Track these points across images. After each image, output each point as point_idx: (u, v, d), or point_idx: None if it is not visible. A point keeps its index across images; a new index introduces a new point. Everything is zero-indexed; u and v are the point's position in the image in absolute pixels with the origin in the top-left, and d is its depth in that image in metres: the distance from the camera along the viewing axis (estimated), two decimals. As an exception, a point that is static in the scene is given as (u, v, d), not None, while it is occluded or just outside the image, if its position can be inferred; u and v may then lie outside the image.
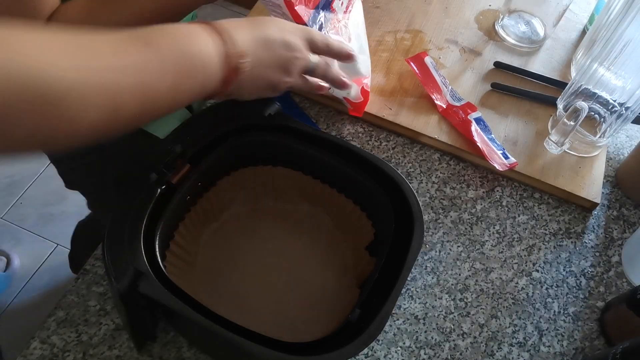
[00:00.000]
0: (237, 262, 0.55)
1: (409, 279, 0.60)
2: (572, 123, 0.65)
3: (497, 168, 0.66)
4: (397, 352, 0.55)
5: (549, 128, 0.73)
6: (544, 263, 0.63)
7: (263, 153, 0.56)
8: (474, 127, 0.69)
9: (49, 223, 1.47)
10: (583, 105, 0.64)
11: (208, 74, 0.44)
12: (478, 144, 0.67)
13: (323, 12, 0.57)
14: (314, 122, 0.70)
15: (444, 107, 0.71)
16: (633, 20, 0.61)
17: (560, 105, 0.72)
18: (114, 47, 0.38)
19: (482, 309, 0.59)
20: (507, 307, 0.60)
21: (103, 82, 0.36)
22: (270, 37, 0.48)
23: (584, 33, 0.85)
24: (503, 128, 0.72)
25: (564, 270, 0.63)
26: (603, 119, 0.70)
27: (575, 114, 0.64)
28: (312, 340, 0.44)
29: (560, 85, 0.76)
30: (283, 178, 0.57)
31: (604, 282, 0.63)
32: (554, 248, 0.65)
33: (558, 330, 0.59)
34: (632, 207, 0.70)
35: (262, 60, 0.48)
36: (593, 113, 0.70)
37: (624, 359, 0.49)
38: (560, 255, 0.64)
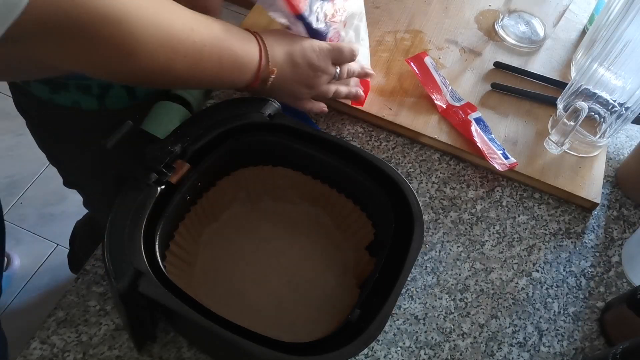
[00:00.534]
0: (237, 262, 0.55)
1: (409, 279, 0.60)
2: (572, 123, 0.65)
3: (497, 168, 0.66)
4: (397, 352, 0.55)
5: (549, 128, 0.73)
6: (544, 263, 0.63)
7: (263, 153, 0.56)
8: (474, 127, 0.69)
9: (49, 223, 1.47)
10: (583, 106, 0.64)
11: (242, 76, 0.53)
12: (478, 144, 0.67)
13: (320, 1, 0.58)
14: (314, 122, 0.70)
15: (444, 107, 0.71)
16: (633, 20, 0.61)
17: (560, 106, 0.72)
18: (191, 19, 0.47)
19: (482, 309, 0.59)
20: (507, 307, 0.60)
21: (169, 42, 0.45)
22: (299, 56, 0.56)
23: (584, 33, 0.85)
24: (503, 128, 0.72)
25: (564, 271, 0.63)
26: (603, 119, 0.70)
27: (575, 114, 0.64)
28: (312, 340, 0.44)
29: (560, 86, 0.76)
30: (283, 178, 0.57)
31: (604, 282, 0.63)
32: (554, 248, 0.65)
33: (558, 331, 0.59)
34: (632, 207, 0.70)
35: (286, 77, 0.56)
36: (593, 113, 0.70)
37: (624, 359, 0.49)
38: (560, 256, 0.64)
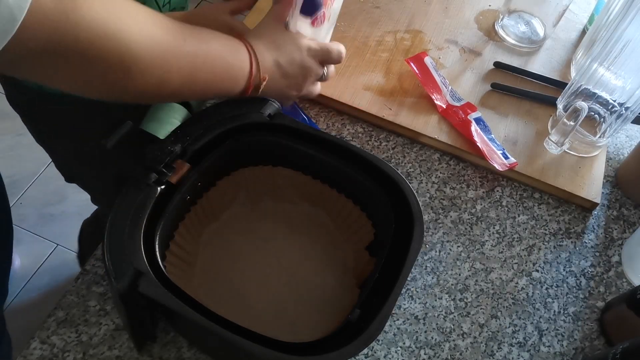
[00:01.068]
0: (237, 262, 0.55)
1: (409, 279, 0.60)
2: (572, 123, 0.65)
3: (497, 168, 0.66)
4: (397, 352, 0.55)
5: (549, 128, 0.73)
6: (544, 263, 0.63)
7: (263, 153, 0.56)
8: (474, 127, 0.69)
9: (49, 223, 1.47)
10: (583, 105, 0.64)
11: (234, 84, 0.53)
12: (478, 144, 0.67)
13: None
14: (314, 122, 0.70)
15: (444, 107, 0.71)
16: (633, 20, 0.61)
17: (560, 105, 0.72)
18: (181, 32, 0.46)
19: (482, 309, 0.59)
20: (507, 307, 0.60)
21: (163, 56, 0.45)
22: (289, 60, 0.56)
23: (584, 33, 0.85)
24: (503, 128, 0.72)
25: (564, 270, 0.63)
26: (603, 119, 0.70)
27: (575, 114, 0.64)
28: (312, 340, 0.44)
29: (560, 85, 0.76)
30: (283, 178, 0.57)
31: (604, 282, 0.63)
32: (554, 248, 0.65)
33: (558, 330, 0.59)
34: (632, 207, 0.70)
35: (277, 81, 0.56)
36: (593, 113, 0.70)
37: (624, 359, 0.49)
38: (560, 255, 0.64)
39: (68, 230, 1.26)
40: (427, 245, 0.63)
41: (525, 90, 0.76)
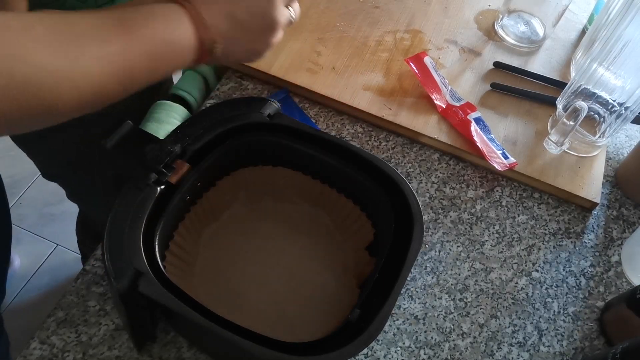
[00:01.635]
0: (236, 262, 0.55)
1: (409, 279, 0.60)
2: (571, 123, 0.65)
3: (496, 168, 0.66)
4: (397, 352, 0.55)
5: (549, 128, 0.73)
6: (544, 263, 0.63)
7: (263, 153, 0.56)
8: (474, 127, 0.69)
9: (49, 223, 1.47)
10: (582, 105, 0.64)
11: (182, 58, 0.46)
12: (478, 144, 0.67)
13: None
14: (314, 122, 0.70)
15: (444, 107, 0.71)
16: (632, 20, 0.61)
17: (560, 105, 0.72)
18: (98, 34, 0.40)
19: (481, 309, 0.59)
20: (506, 307, 0.60)
21: (87, 71, 0.39)
22: (245, 11, 0.46)
23: (584, 33, 0.85)
24: (502, 128, 0.72)
25: (564, 270, 0.63)
26: (602, 119, 0.70)
27: (575, 114, 0.64)
28: (312, 340, 0.44)
29: (560, 85, 0.76)
30: (283, 178, 0.57)
31: (604, 282, 0.63)
32: (554, 248, 0.65)
33: (558, 330, 0.59)
34: (631, 207, 0.70)
35: (238, 40, 0.47)
36: (592, 113, 0.70)
37: (624, 359, 0.49)
38: (560, 255, 0.64)
39: (68, 230, 1.26)
40: (426, 245, 0.63)
41: (525, 90, 0.76)
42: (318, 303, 0.53)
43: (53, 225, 1.46)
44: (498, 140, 0.70)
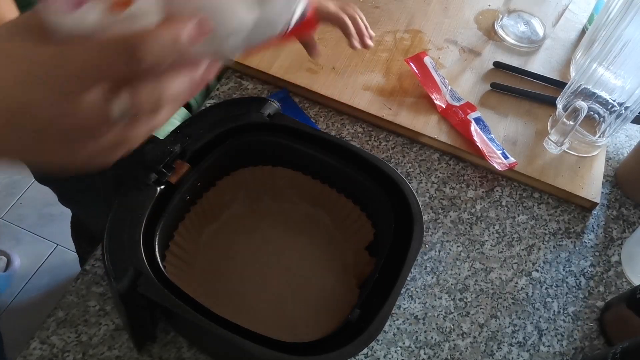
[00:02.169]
0: (236, 262, 0.55)
1: (409, 279, 0.60)
2: (571, 123, 0.65)
3: (496, 168, 0.66)
4: (396, 352, 0.55)
5: (549, 128, 0.73)
6: (544, 263, 0.63)
7: (263, 153, 0.56)
8: (474, 127, 0.69)
9: (49, 223, 1.47)
10: (582, 105, 0.64)
11: None
12: (477, 144, 0.67)
13: None
14: (314, 122, 0.70)
15: (444, 107, 0.71)
16: (632, 20, 0.61)
17: (560, 105, 0.72)
18: None
19: (481, 309, 0.59)
20: (506, 307, 0.60)
21: None
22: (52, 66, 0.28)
23: (584, 33, 0.85)
24: (502, 128, 0.72)
25: (564, 270, 0.63)
26: (602, 119, 0.70)
27: (575, 114, 0.64)
28: (312, 340, 0.44)
29: (560, 85, 0.76)
30: (283, 178, 0.57)
31: (604, 281, 0.63)
32: (554, 248, 0.65)
33: (558, 330, 0.59)
34: (631, 206, 0.70)
35: (38, 112, 0.28)
36: (592, 113, 0.70)
37: (624, 359, 0.49)
38: (560, 255, 0.64)
39: (68, 231, 1.25)
40: (426, 245, 0.63)
41: (525, 90, 0.76)
42: (318, 303, 0.53)
43: (53, 225, 1.46)
44: (498, 140, 0.70)
